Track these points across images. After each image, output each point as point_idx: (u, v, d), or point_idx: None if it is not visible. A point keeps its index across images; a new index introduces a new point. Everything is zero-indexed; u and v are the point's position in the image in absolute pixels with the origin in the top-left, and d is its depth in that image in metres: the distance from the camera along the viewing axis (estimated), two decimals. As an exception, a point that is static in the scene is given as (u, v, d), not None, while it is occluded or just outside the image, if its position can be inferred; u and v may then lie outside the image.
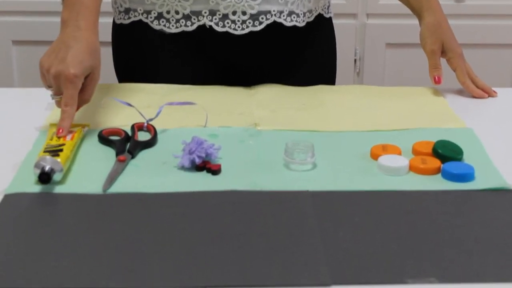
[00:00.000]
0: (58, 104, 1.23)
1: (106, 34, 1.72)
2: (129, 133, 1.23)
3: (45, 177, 1.05)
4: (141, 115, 1.28)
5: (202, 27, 1.47)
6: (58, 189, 1.06)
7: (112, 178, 1.09)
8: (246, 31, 1.48)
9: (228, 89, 1.48)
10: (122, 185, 1.08)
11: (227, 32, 1.47)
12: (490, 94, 1.48)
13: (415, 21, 1.55)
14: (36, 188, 1.06)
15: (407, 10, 1.57)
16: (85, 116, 1.30)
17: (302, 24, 1.51)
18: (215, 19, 1.47)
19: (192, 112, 1.33)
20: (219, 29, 1.47)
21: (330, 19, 1.61)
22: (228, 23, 1.47)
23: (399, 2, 1.57)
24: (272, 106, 1.39)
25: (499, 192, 1.08)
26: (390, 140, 1.22)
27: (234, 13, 1.46)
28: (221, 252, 0.91)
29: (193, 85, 1.48)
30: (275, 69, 1.54)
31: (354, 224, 0.99)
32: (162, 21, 1.48)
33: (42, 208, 1.03)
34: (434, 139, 1.19)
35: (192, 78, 1.50)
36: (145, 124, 1.26)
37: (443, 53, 1.50)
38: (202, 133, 1.22)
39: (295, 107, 1.38)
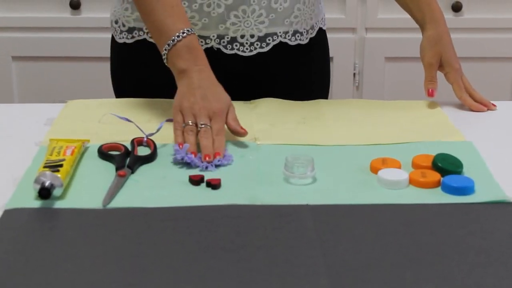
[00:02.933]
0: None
1: (103, 50, 1.73)
2: (129, 148, 1.23)
3: (45, 193, 1.05)
4: (141, 130, 1.28)
5: (209, 49, 1.48)
6: (58, 204, 1.06)
7: (112, 193, 1.09)
8: (254, 52, 1.50)
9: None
10: (122, 200, 1.08)
11: (235, 53, 1.48)
12: (489, 107, 1.48)
13: (414, 35, 1.55)
14: (36, 204, 1.06)
15: (406, 24, 1.57)
16: (85, 131, 1.31)
17: (306, 41, 1.54)
18: (223, 42, 1.48)
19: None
20: (227, 51, 1.48)
21: (324, 30, 1.62)
22: (236, 45, 1.48)
23: (398, 16, 1.58)
24: (271, 120, 1.39)
25: (499, 205, 1.08)
26: (389, 154, 1.22)
27: (242, 36, 1.48)
28: (221, 266, 0.91)
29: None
30: (278, 81, 1.55)
31: (354, 237, 0.99)
32: None
33: (42, 223, 1.03)
34: (434, 152, 1.19)
35: None
36: (145, 139, 1.26)
37: (441, 67, 1.50)
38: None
39: (295, 121, 1.38)
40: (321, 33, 1.61)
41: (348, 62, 2.65)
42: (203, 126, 1.24)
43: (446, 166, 1.15)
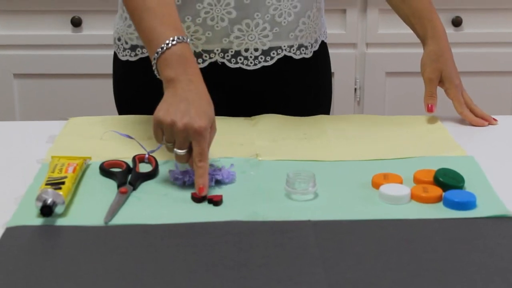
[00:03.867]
0: (181, 158, 1.17)
1: (105, 67, 1.73)
2: (131, 165, 1.24)
3: (47, 210, 1.05)
4: (142, 147, 1.28)
5: (213, 63, 1.48)
6: (60, 222, 1.06)
7: (113, 210, 1.09)
8: (258, 66, 1.49)
9: (228, 119, 1.48)
10: (124, 217, 1.08)
11: (239, 67, 1.48)
12: (490, 122, 1.48)
13: (415, 50, 1.55)
14: (38, 221, 1.06)
15: (406, 39, 1.58)
16: (86, 148, 1.31)
17: (310, 55, 1.54)
18: (227, 56, 1.48)
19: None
20: (231, 65, 1.48)
21: (326, 43, 1.63)
22: (240, 59, 1.48)
23: (398, 32, 1.59)
24: (272, 136, 1.39)
25: (501, 220, 1.07)
26: (391, 169, 1.22)
27: (246, 50, 1.48)
28: (223, 283, 0.91)
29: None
30: (282, 94, 1.55)
31: (356, 253, 0.98)
32: None
33: (44, 241, 1.03)
34: (435, 167, 1.19)
35: None
36: (146, 156, 1.26)
37: (441, 82, 1.51)
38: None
39: (296, 137, 1.39)
40: (323, 46, 1.61)
41: (349, 77, 2.66)
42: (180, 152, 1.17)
43: (447, 181, 1.15)
